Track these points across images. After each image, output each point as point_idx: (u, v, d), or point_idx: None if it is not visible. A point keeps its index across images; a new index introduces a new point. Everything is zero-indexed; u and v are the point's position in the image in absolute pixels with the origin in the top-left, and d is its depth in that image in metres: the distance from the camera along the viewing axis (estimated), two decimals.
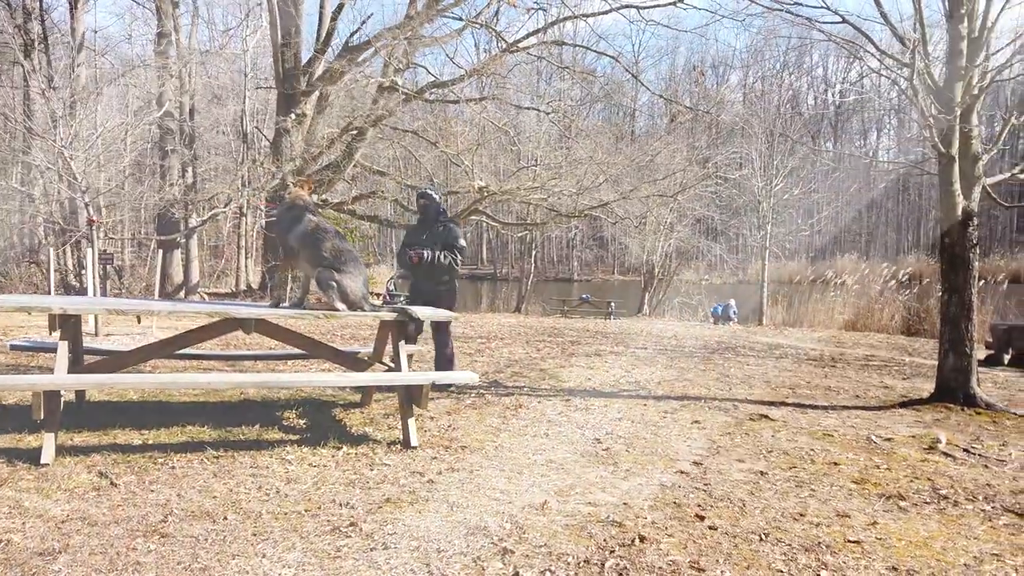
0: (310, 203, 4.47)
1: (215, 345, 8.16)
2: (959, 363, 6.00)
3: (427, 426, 4.74)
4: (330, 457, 3.96)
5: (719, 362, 8.71)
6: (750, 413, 5.63)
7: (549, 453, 4.26)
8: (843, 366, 9.08)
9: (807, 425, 5.31)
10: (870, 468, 4.20)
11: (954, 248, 5.99)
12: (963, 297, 5.98)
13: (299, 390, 5.62)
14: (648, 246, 24.90)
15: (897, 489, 3.80)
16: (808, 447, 4.63)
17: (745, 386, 6.99)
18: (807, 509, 3.44)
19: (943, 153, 5.87)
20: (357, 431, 4.55)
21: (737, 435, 4.91)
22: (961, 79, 5.83)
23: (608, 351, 9.42)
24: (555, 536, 2.99)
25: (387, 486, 3.53)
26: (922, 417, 5.71)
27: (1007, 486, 3.93)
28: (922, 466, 4.28)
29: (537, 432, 4.76)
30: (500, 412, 5.32)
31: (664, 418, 5.36)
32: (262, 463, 3.79)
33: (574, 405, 5.70)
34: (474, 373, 4.37)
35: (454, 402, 5.59)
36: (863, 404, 6.30)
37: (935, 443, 4.78)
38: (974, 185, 6.04)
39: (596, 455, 4.26)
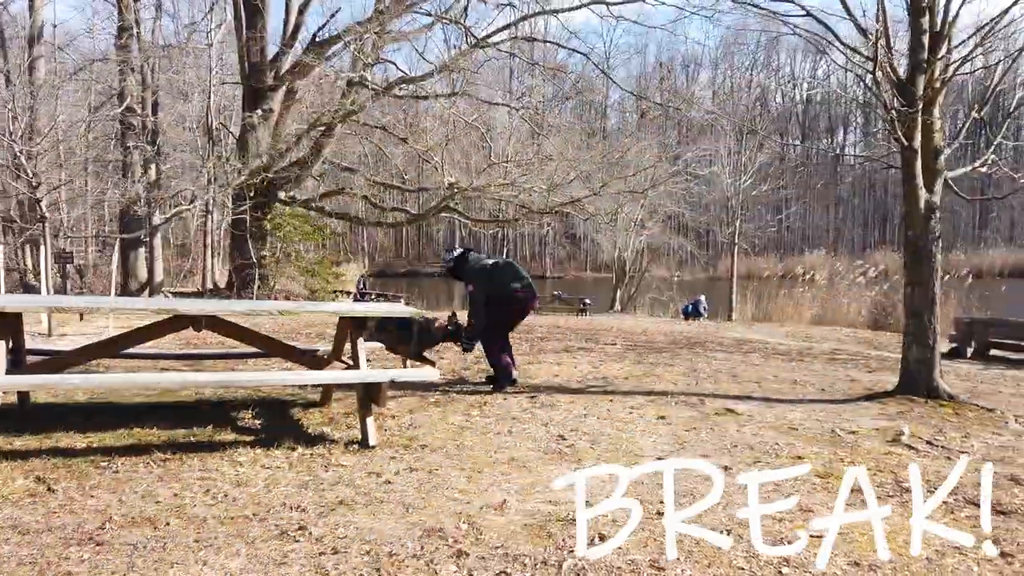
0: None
1: (176, 344, 7.95)
2: (922, 355, 6.04)
3: (388, 425, 4.62)
4: (284, 458, 3.83)
5: (687, 357, 8.70)
6: (716, 408, 5.60)
7: (511, 451, 4.17)
8: (810, 360, 9.12)
9: (773, 419, 5.29)
10: (834, 462, 4.18)
11: (917, 241, 6.02)
12: (926, 289, 6.01)
13: (257, 390, 5.46)
14: (619, 243, 24.99)
15: (859, 483, 3.77)
16: (773, 441, 4.60)
17: (712, 381, 6.97)
18: (772, 503, 3.39)
19: (906, 146, 5.89)
20: (315, 431, 4.42)
21: (703, 430, 4.87)
22: (923, 72, 5.85)
23: (577, 347, 9.36)
24: (513, 536, 2.90)
25: (341, 487, 3.41)
26: (886, 410, 5.73)
27: (969, 478, 3.91)
28: (886, 459, 4.26)
29: (501, 430, 4.66)
30: (464, 409, 5.22)
31: (630, 414, 5.30)
32: (211, 466, 3.65)
33: (540, 402, 5.61)
34: (436, 370, 4.26)
35: (418, 400, 5.48)
36: (829, 397, 6.31)
37: (899, 436, 4.78)
38: (936, 178, 6.08)
39: (560, 452, 4.18)
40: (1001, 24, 5.66)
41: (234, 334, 4.21)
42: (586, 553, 2.71)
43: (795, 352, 9.96)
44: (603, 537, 2.89)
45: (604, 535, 2.91)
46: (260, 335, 4.44)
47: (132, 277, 22.37)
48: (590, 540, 2.83)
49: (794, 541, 2.94)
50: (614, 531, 2.90)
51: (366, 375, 4.04)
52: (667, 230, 28.71)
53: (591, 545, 2.78)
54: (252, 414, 4.73)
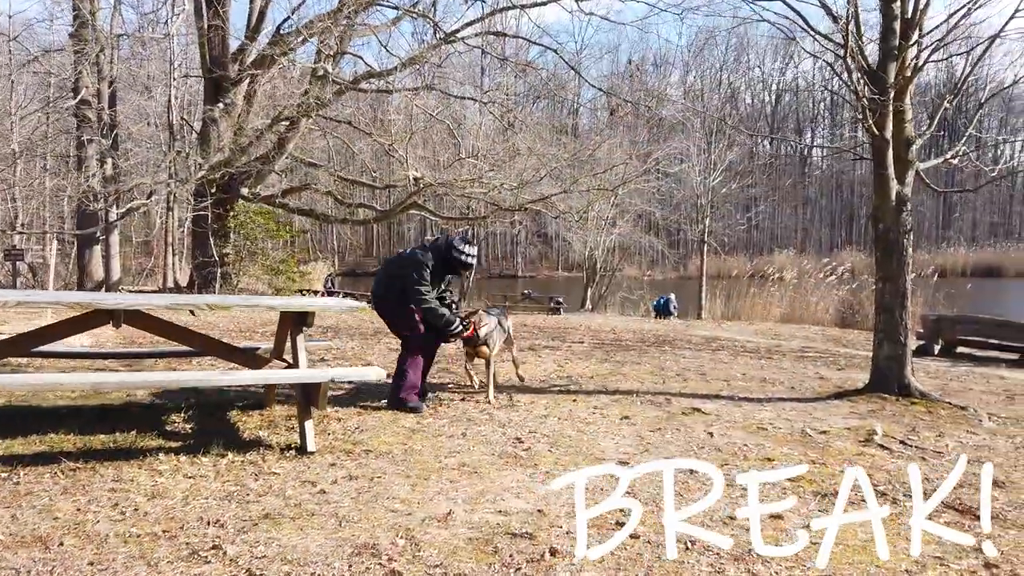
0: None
1: (120, 343, 7.51)
2: (893, 352, 5.86)
3: (332, 428, 4.29)
4: (211, 466, 3.49)
5: (655, 355, 8.48)
6: (683, 407, 5.36)
7: (463, 455, 3.87)
8: (779, 358, 8.96)
9: (741, 419, 5.06)
10: (805, 463, 3.95)
11: (888, 234, 5.84)
12: (897, 284, 5.84)
13: (197, 390, 5.09)
14: (590, 241, 24.80)
15: (833, 486, 3.54)
16: (741, 442, 4.36)
17: (680, 379, 6.75)
18: (737, 510, 3.14)
19: (876, 136, 5.71)
20: (250, 436, 4.07)
21: (668, 431, 4.62)
22: (894, 60, 5.68)
23: (543, 346, 9.09)
24: (455, 553, 2.61)
25: (270, 499, 3.08)
26: (857, 408, 5.54)
27: (948, 480, 3.72)
28: (858, 460, 4.05)
29: (454, 432, 4.36)
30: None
31: (593, 414, 5.04)
32: (127, 475, 3.30)
33: (499, 402, 5.32)
34: (380, 369, 3.95)
35: (367, 400, 5.15)
36: (798, 396, 6.11)
37: (871, 435, 4.58)
38: (907, 170, 5.91)
39: (515, 456, 3.90)
40: (975, 7, 5.50)
41: (159, 330, 3.85)
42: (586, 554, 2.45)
43: (764, 350, 9.80)
44: (555, 552, 2.62)
45: (556, 550, 2.64)
46: (190, 332, 4.09)
47: (88, 275, 21.63)
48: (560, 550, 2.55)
49: (763, 552, 2.69)
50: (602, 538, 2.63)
51: (302, 375, 3.71)
52: (638, 229, 28.61)
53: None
54: (184, 417, 4.37)
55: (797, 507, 3.23)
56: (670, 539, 2.58)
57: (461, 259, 4.99)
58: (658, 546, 2.71)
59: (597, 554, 2.54)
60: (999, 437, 4.76)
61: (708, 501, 2.69)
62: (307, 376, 3.69)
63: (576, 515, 2.55)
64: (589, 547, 2.51)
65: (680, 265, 45.95)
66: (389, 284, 4.96)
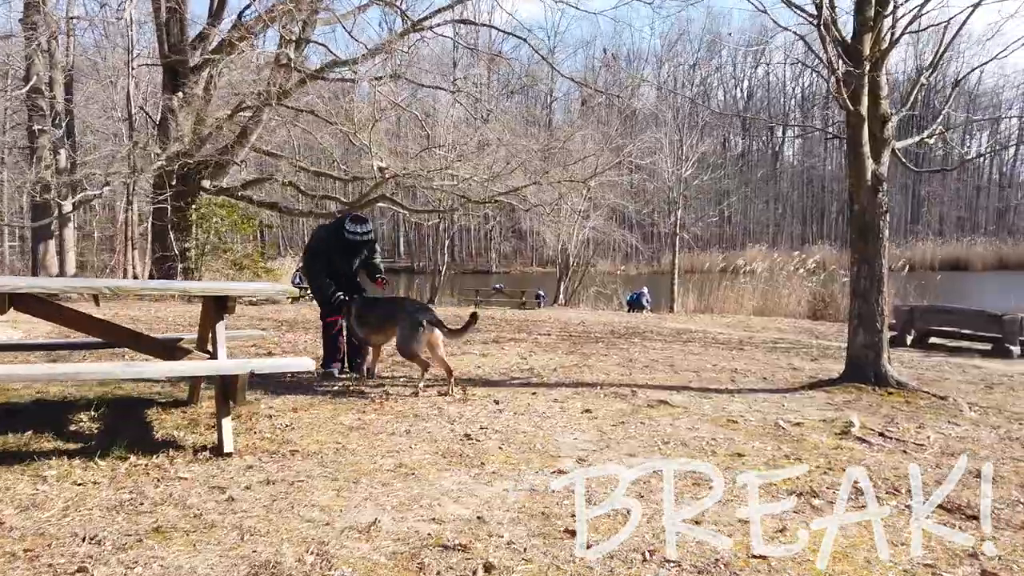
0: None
1: (60, 333, 6.98)
2: (869, 339, 5.58)
3: (260, 426, 3.87)
4: (108, 471, 3.05)
5: (623, 347, 8.14)
6: (649, 399, 5.01)
7: (403, 455, 3.48)
8: (751, 349, 8.69)
9: (710, 411, 4.73)
10: (779, 459, 3.62)
11: (864, 215, 5.55)
12: (873, 268, 5.55)
13: (118, 386, 4.63)
14: (563, 235, 24.47)
15: (809, 484, 3.21)
16: (710, 436, 4.02)
17: (647, 371, 6.41)
18: (704, 514, 2.79)
19: (851, 112, 5.41)
20: (164, 435, 3.63)
21: (632, 424, 4.26)
22: (870, 31, 5.39)
23: (507, 338, 8.71)
24: (372, 571, 2.22)
25: (167, 509, 2.66)
26: (832, 399, 5.24)
27: (930, 475, 3.42)
28: (836, 455, 3.73)
29: (397, 429, 3.96)
30: (361, 405, 4.50)
31: (551, 407, 4.67)
32: (4, 483, 2.85)
33: (452, 395, 4.93)
34: (310, 359, 3.53)
35: (310, 396, 4.72)
36: (771, 387, 5.81)
37: (848, 427, 4.27)
38: (883, 148, 5.62)
39: (461, 455, 3.51)
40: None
41: (56, 317, 3.40)
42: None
43: (736, 341, 9.53)
44: (490, 568, 2.24)
45: (492, 565, 2.26)
46: (94, 320, 3.63)
47: (43, 270, 20.82)
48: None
49: (732, 563, 2.34)
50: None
51: (216, 366, 3.28)
52: (611, 223, 28.35)
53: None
54: (94, 415, 3.90)
55: (770, 510, 2.89)
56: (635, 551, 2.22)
57: (349, 239, 5.21)
58: (612, 557, 2.34)
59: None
60: (982, 428, 4.48)
61: (668, 505, 2.34)
62: (221, 368, 3.26)
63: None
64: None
65: (653, 260, 45.87)
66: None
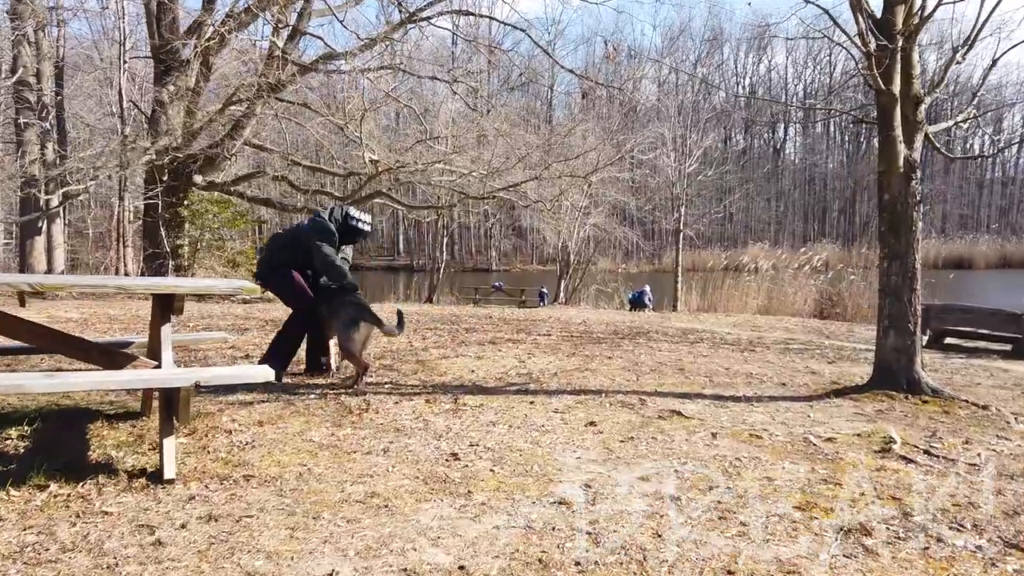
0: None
1: None
2: (901, 342, 5.07)
3: (216, 444, 3.37)
4: (22, 503, 2.55)
5: (628, 348, 7.64)
6: (660, 409, 4.51)
7: (377, 481, 2.97)
8: (763, 350, 8.18)
9: (729, 423, 4.23)
10: (815, 484, 3.12)
11: (895, 205, 5.05)
12: (906, 263, 5.05)
13: (66, 395, 4.13)
14: (563, 232, 23.97)
15: (856, 517, 2.71)
16: (732, 455, 3.52)
17: (656, 375, 5.91)
18: (738, 559, 2.29)
19: (883, 91, 4.91)
20: (100, 457, 3.13)
21: (642, 440, 3.77)
22: (903, 2, 4.88)
23: (505, 339, 8.21)
24: None
25: (76, 557, 2.16)
26: (862, 408, 4.74)
27: (995, 504, 2.92)
28: (880, 478, 3.23)
29: (374, 447, 3.46)
30: (337, 418, 4.00)
31: (551, 419, 4.16)
32: None
33: (440, 405, 4.43)
34: (270, 369, 3.03)
35: (281, 406, 4.22)
36: (792, 393, 5.30)
37: (888, 443, 3.76)
38: (916, 132, 5.12)
39: (445, 481, 3.01)
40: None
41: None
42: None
43: (745, 342, 9.03)
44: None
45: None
46: (22, 321, 3.12)
47: (29, 267, 20.35)
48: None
49: None
50: None
51: (152, 377, 2.78)
52: (612, 220, 27.86)
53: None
54: (24, 432, 3.40)
55: (814, 549, 2.39)
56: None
57: (358, 227, 5.20)
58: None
59: None
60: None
61: (694, 550, 1.84)
62: (156, 380, 2.76)
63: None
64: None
65: (655, 257, 45.39)
66: (279, 257, 5.08)
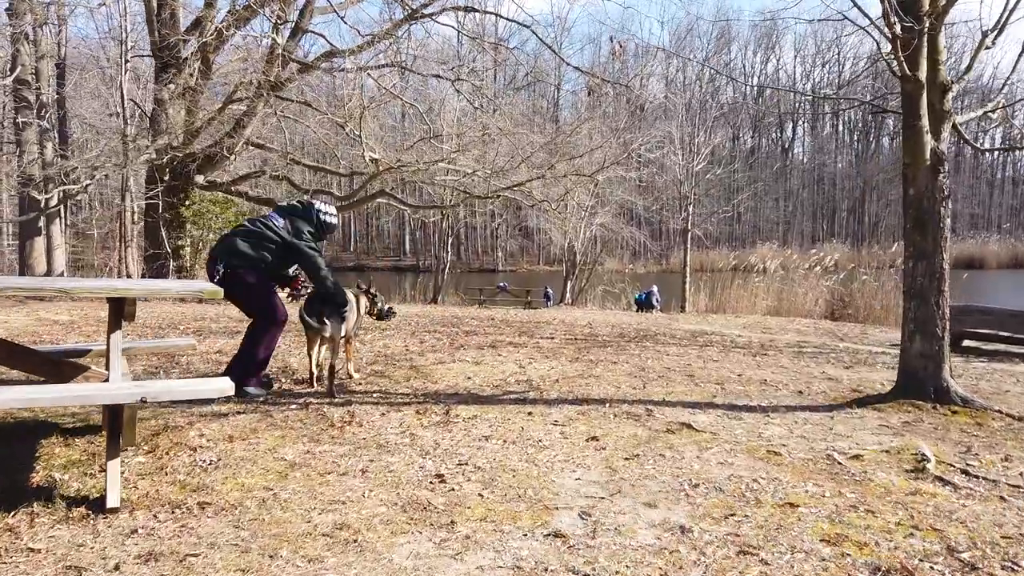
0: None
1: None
2: (928, 347, 4.71)
3: (176, 463, 3.04)
4: None
5: (634, 352, 7.29)
6: (668, 421, 4.17)
7: (350, 509, 2.64)
8: (775, 354, 7.83)
9: (744, 437, 3.88)
10: (844, 511, 2.77)
11: (922, 200, 4.69)
12: (933, 263, 4.69)
13: (30, 408, 3.82)
14: (569, 232, 23.63)
15: (894, 553, 2.37)
16: (749, 475, 3.18)
17: (663, 382, 5.56)
18: None
19: (908, 77, 4.55)
20: (44, 479, 2.81)
21: (649, 457, 3.43)
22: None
23: (507, 342, 7.88)
24: None
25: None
26: (888, 419, 4.38)
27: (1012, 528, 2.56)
28: (915, 504, 2.87)
29: (352, 467, 3.13)
30: (316, 432, 3.67)
31: (550, 433, 3.83)
32: None
33: (431, 417, 4.10)
34: (230, 382, 2.70)
35: (257, 418, 3.90)
36: (810, 403, 4.95)
37: (920, 461, 3.41)
38: (943, 122, 4.76)
39: (426, 508, 2.67)
40: None
41: None
42: None
43: (757, 345, 8.67)
44: None
45: None
46: None
47: (30, 269, 20.15)
48: None
49: None
50: None
51: (87, 392, 2.45)
52: (619, 220, 27.49)
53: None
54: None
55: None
56: None
57: (328, 221, 4.77)
58: None
59: None
60: None
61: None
62: (98, 395, 2.44)
63: None
64: None
65: (662, 258, 45.04)
66: (243, 256, 4.38)
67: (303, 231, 4.55)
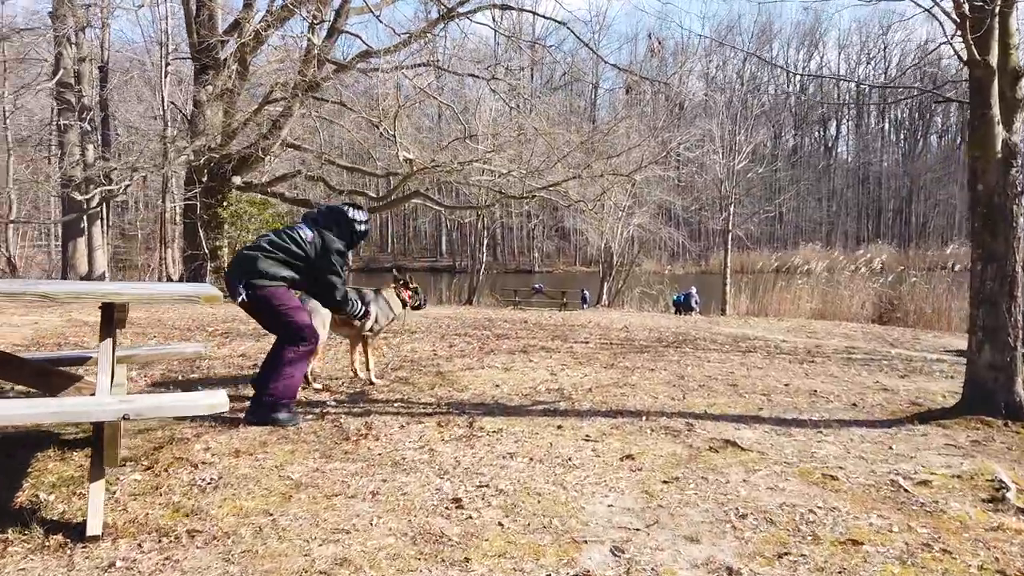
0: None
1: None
2: (999, 358, 4.28)
3: (174, 481, 2.82)
4: None
5: (673, 359, 6.93)
6: (710, 438, 3.83)
7: (354, 539, 2.38)
8: (823, 361, 7.39)
9: (795, 457, 3.53)
10: (916, 550, 2.41)
11: (992, 197, 4.26)
12: (1004, 267, 4.26)
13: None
14: (606, 232, 23.23)
15: None
16: (804, 504, 2.83)
17: (704, 392, 5.21)
18: None
19: (977, 62, 4.14)
20: (27, 500, 2.61)
21: (690, 480, 3.10)
22: None
23: (539, 347, 7.58)
24: None
25: None
26: (954, 438, 3.98)
27: None
28: (999, 542, 2.50)
29: (362, 488, 2.87)
30: (329, 447, 3.43)
31: (581, 449, 3.53)
32: None
33: (453, 430, 3.83)
34: (224, 396, 2.46)
35: (268, 430, 3.67)
36: (866, 417, 4.55)
37: (998, 489, 3.02)
38: (1016, 111, 4.33)
39: (439, 539, 2.40)
40: None
41: None
42: None
43: (803, 351, 8.22)
44: None
45: None
46: None
47: (72, 269, 20.52)
48: None
49: None
50: None
51: (61, 409, 2.22)
52: (657, 220, 26.97)
53: None
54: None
55: None
56: None
57: (360, 229, 4.25)
58: None
59: None
60: None
61: None
62: (73, 411, 2.21)
63: None
64: None
65: (702, 259, 44.17)
66: (265, 275, 3.83)
67: (332, 250, 4.03)
